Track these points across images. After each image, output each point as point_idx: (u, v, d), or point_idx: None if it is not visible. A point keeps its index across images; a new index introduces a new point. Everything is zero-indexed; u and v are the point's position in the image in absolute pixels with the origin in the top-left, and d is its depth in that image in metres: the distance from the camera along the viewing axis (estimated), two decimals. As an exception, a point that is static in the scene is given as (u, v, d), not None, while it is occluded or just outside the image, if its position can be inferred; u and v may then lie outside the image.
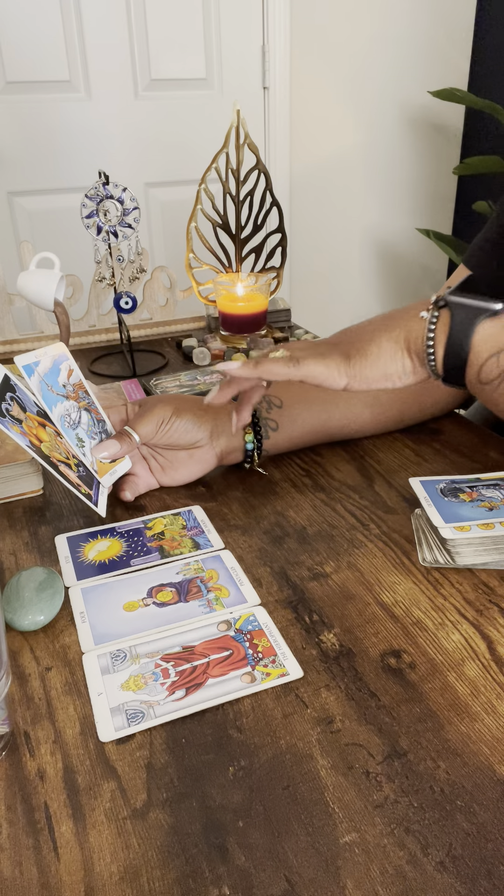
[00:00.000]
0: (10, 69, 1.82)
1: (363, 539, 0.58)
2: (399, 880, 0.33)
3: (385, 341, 0.52)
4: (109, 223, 0.90)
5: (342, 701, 0.43)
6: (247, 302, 1.02)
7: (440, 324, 0.50)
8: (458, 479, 0.60)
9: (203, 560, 0.56)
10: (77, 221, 1.26)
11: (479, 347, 0.49)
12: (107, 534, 0.60)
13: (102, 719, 0.42)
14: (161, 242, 2.17)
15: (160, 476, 0.66)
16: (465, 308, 0.49)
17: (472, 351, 0.50)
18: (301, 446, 0.72)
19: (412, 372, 0.52)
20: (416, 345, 0.51)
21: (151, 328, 1.13)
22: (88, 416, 0.62)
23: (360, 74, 2.21)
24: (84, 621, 0.50)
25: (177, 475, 0.66)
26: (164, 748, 0.40)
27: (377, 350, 0.51)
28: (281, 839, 0.35)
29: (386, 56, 2.22)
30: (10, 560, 0.57)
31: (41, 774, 0.39)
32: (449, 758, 0.39)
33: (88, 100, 1.93)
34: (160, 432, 0.62)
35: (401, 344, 0.51)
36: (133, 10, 1.87)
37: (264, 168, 1.03)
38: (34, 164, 1.94)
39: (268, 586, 0.53)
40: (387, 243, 2.52)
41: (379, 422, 0.73)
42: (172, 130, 2.03)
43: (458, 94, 2.08)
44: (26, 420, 0.55)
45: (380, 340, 0.52)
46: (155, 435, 0.62)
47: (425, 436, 0.75)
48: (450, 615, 0.50)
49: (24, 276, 0.84)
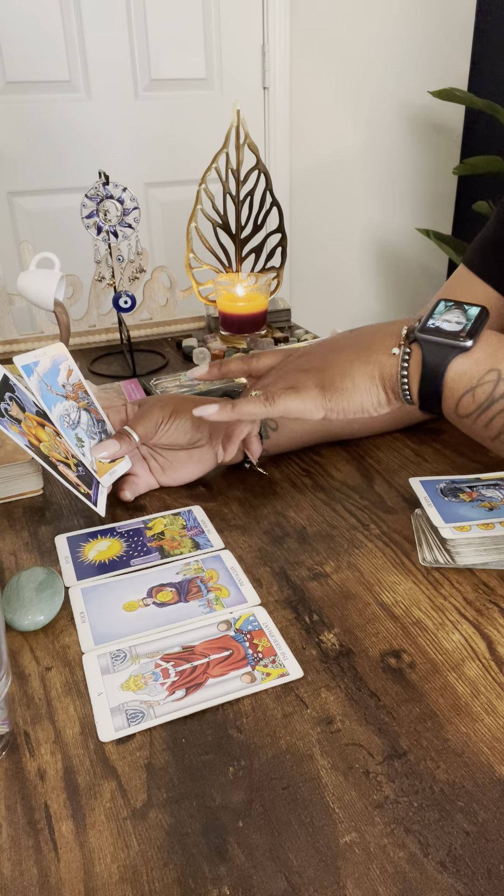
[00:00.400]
0: (10, 69, 1.82)
1: (363, 539, 0.58)
2: (399, 880, 0.33)
3: (360, 376, 0.50)
4: (109, 223, 0.90)
5: (342, 701, 0.43)
6: (247, 302, 1.02)
7: (413, 360, 0.50)
8: (458, 479, 0.60)
9: (203, 560, 0.56)
10: (77, 221, 1.27)
11: (452, 384, 0.49)
12: (107, 534, 0.60)
13: (102, 719, 0.42)
14: (161, 242, 2.17)
15: (160, 476, 0.66)
16: (435, 346, 0.49)
17: (447, 387, 0.49)
18: (301, 446, 0.72)
19: (387, 404, 0.51)
20: (390, 381, 0.50)
21: (151, 328, 1.13)
22: (88, 415, 0.62)
23: (360, 74, 2.21)
24: (84, 621, 0.50)
25: (176, 475, 0.66)
26: (164, 748, 0.40)
27: (352, 385, 0.50)
28: (281, 839, 0.35)
29: (386, 56, 2.22)
30: (10, 560, 0.57)
31: (41, 774, 0.39)
32: (449, 758, 0.39)
33: (88, 100, 1.93)
34: (160, 432, 0.62)
35: (375, 380, 0.50)
36: (133, 9, 1.88)
37: (264, 168, 1.03)
38: (34, 164, 1.94)
39: (268, 586, 0.53)
40: (387, 243, 2.52)
41: (379, 421, 0.73)
42: (172, 130, 2.03)
43: (458, 94, 2.08)
44: (25, 420, 0.55)
45: (354, 375, 0.51)
46: (154, 435, 0.62)
47: (425, 436, 0.75)
48: (450, 615, 0.50)
49: (24, 276, 0.84)
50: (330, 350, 0.54)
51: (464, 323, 0.49)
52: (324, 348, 0.54)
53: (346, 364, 0.51)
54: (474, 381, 0.48)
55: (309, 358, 0.55)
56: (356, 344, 0.52)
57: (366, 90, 2.24)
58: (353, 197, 2.39)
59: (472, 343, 0.48)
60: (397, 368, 0.49)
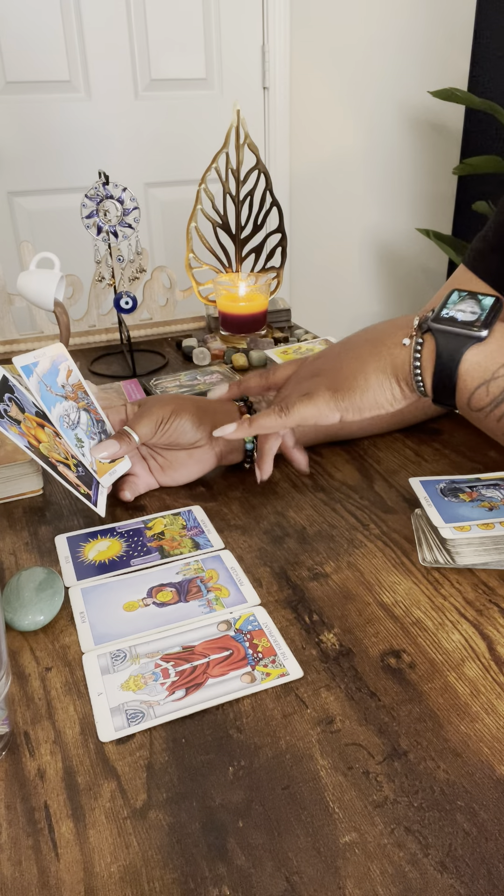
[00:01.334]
0: (10, 69, 1.82)
1: (363, 539, 0.58)
2: (399, 880, 0.33)
3: (371, 372, 0.49)
4: (109, 223, 0.90)
5: (342, 701, 0.43)
6: (247, 302, 1.02)
7: (426, 350, 0.49)
8: (458, 479, 0.60)
9: (203, 560, 0.56)
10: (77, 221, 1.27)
11: (467, 376, 0.48)
12: (107, 534, 0.60)
13: (102, 719, 0.42)
14: (161, 242, 2.17)
15: (160, 476, 0.66)
16: (449, 336, 0.48)
17: (461, 379, 0.48)
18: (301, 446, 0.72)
19: (402, 398, 0.50)
20: (403, 373, 0.49)
21: (151, 328, 1.13)
22: (87, 416, 0.62)
23: (360, 74, 2.21)
24: (84, 621, 0.50)
25: (176, 475, 0.66)
26: (164, 748, 0.40)
27: (364, 382, 0.49)
28: (281, 839, 0.35)
29: (386, 56, 2.22)
30: (10, 560, 0.57)
31: (41, 774, 0.39)
32: (449, 758, 0.39)
33: (88, 100, 1.93)
34: (159, 432, 0.62)
35: (388, 373, 0.49)
36: (133, 10, 1.88)
37: (264, 168, 1.03)
38: (34, 164, 1.94)
39: (268, 586, 0.53)
40: (387, 243, 2.52)
41: (379, 422, 0.73)
42: (172, 130, 2.04)
43: (458, 94, 2.08)
44: (25, 421, 0.55)
45: (366, 371, 0.50)
46: (154, 435, 0.62)
47: (425, 436, 0.75)
48: (450, 615, 0.50)
49: (24, 276, 0.85)
50: (341, 350, 0.53)
51: (478, 313, 0.48)
52: (335, 349, 0.54)
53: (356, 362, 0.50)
54: (488, 373, 0.47)
55: (321, 361, 0.54)
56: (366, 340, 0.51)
57: (366, 90, 2.24)
58: (353, 197, 2.39)
59: (487, 333, 0.47)
60: (409, 359, 0.48)
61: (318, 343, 0.93)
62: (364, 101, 2.25)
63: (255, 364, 0.96)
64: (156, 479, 0.66)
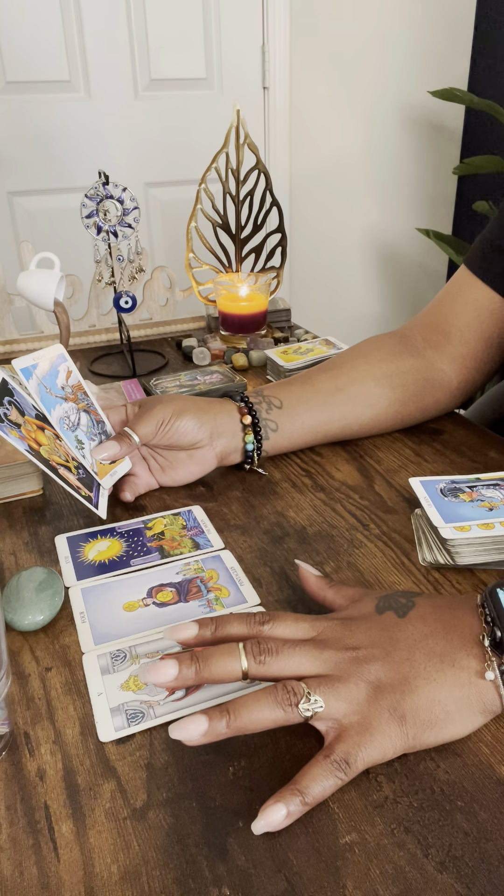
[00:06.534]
0: (10, 69, 1.82)
1: (363, 539, 0.58)
2: (399, 880, 0.33)
3: (453, 704, 0.39)
4: (109, 223, 0.90)
5: (342, 701, 0.43)
6: (247, 302, 1.02)
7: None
8: (458, 479, 0.60)
9: (203, 560, 0.56)
10: (77, 221, 1.27)
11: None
12: (107, 534, 0.60)
13: (102, 719, 0.42)
14: (161, 242, 2.17)
15: (160, 476, 0.66)
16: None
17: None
18: (301, 447, 0.72)
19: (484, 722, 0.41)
20: (494, 707, 0.40)
21: (151, 328, 1.13)
22: (88, 417, 0.62)
23: (360, 74, 2.21)
24: (84, 621, 0.50)
25: (177, 475, 0.66)
26: (164, 748, 0.40)
27: (444, 715, 0.39)
28: (281, 839, 0.35)
29: (386, 56, 2.22)
30: (10, 560, 0.57)
31: (41, 774, 0.39)
32: (449, 758, 0.39)
33: (88, 100, 1.93)
34: (160, 433, 0.62)
35: (474, 710, 0.40)
36: (133, 9, 1.88)
37: (264, 168, 1.03)
38: (34, 164, 1.94)
39: (268, 586, 0.53)
40: (387, 243, 2.52)
41: (379, 422, 0.73)
42: (172, 130, 2.04)
43: (458, 94, 2.08)
44: (24, 424, 0.55)
45: (444, 702, 0.39)
46: (155, 436, 0.62)
47: (425, 436, 0.75)
48: (450, 615, 0.49)
49: (24, 276, 0.85)
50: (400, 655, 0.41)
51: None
52: (386, 643, 0.41)
53: (428, 687, 0.39)
54: None
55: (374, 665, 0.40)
56: (433, 652, 0.41)
57: (366, 90, 2.24)
58: (353, 196, 2.39)
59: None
60: (500, 697, 0.40)
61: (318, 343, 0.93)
62: (364, 100, 2.25)
63: (254, 364, 0.96)
64: (156, 479, 0.66)
